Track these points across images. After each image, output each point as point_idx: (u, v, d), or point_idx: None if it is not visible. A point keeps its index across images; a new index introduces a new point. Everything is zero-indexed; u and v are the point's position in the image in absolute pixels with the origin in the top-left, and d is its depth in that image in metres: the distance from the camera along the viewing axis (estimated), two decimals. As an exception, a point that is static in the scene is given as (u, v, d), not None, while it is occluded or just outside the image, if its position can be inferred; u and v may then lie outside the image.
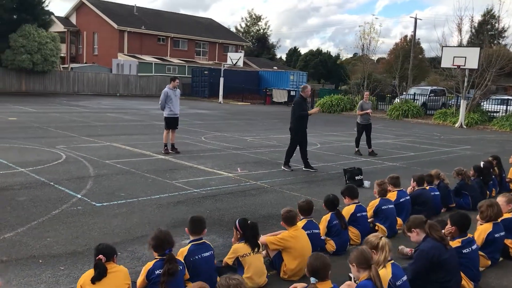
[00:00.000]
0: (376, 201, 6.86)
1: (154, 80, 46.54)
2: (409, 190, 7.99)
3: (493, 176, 9.65)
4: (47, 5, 40.66)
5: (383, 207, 6.76)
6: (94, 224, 6.61)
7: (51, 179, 9.01)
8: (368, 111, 14.44)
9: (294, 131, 11.39)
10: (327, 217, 6.04)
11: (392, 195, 7.31)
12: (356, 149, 14.65)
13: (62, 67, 45.16)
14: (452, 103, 30.60)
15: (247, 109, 34.91)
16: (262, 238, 5.31)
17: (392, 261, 4.18)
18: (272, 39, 78.40)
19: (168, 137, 12.96)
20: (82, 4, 52.41)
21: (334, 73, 73.70)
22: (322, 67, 78.75)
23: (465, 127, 26.77)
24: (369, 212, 6.84)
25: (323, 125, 24.31)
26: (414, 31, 51.46)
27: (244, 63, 58.47)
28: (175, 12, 59.90)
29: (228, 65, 42.29)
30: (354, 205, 6.44)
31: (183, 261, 4.33)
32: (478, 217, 5.83)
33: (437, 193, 8.15)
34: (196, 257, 4.46)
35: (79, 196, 7.96)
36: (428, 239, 4.52)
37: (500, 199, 6.20)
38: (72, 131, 15.92)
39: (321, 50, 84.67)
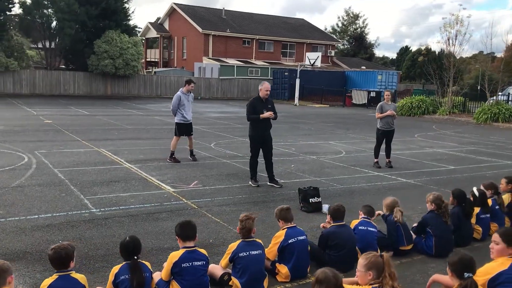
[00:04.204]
0: (234, 245, 4.81)
1: (236, 82, 46.09)
2: (322, 225, 5.78)
3: (497, 207, 6.87)
4: (132, 11, 42.34)
5: (241, 254, 4.70)
6: None
7: (-42, 189, 8.15)
8: (388, 112, 11.85)
9: (250, 137, 9.48)
10: (115, 269, 4.20)
11: (279, 234, 5.19)
12: (375, 160, 12.11)
13: (146, 71, 46.59)
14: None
15: (317, 111, 32.65)
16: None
17: None
18: (370, 38, 74.31)
19: (176, 145, 11.76)
20: (174, 10, 53.82)
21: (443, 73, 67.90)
22: (430, 66, 72.99)
23: None
24: (224, 260, 4.84)
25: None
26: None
27: (334, 63, 56.05)
28: (265, 14, 59.03)
29: (307, 66, 40.27)
30: (183, 251, 4.48)
31: None
32: None
33: (373, 229, 5.78)
34: None
35: None
36: None
37: (360, 262, 3.82)
38: (81, 135, 15.36)
39: (430, 49, 78.70)
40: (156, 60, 57.51)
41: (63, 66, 42.56)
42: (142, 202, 7.87)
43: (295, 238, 5.11)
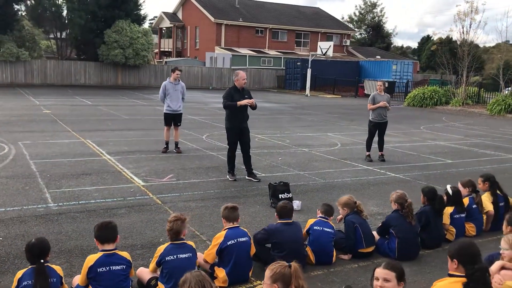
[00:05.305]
0: (162, 248, 4.43)
1: (248, 72, 45.47)
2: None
3: (474, 206, 6.35)
4: (143, 1, 42.04)
5: (168, 258, 4.32)
6: None
7: None
8: (380, 104, 11.27)
9: (226, 129, 9.07)
10: (19, 274, 3.87)
11: (219, 236, 4.80)
12: (367, 153, 11.60)
13: (157, 61, 46.40)
14: None
15: (327, 102, 32.00)
16: None
17: None
18: (388, 27, 72.79)
19: (168, 135, 11.59)
20: (187, -1, 53.42)
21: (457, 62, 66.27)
22: (451, 56, 71.26)
23: None
24: (151, 264, 4.48)
25: (390, 121, 20.62)
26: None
27: (349, 52, 55.09)
28: (279, 3, 57.97)
29: (319, 55, 39.50)
30: (100, 254, 4.12)
31: None
32: None
33: (329, 230, 5.35)
34: None
35: None
36: None
37: (266, 274, 3.36)
38: (74, 125, 15.16)
39: (451, 38, 76.82)
40: (170, 50, 57.32)
41: (75, 56, 42.64)
42: (105, 197, 7.55)
43: (235, 240, 4.71)
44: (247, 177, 9.14)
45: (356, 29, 66.35)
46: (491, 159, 12.41)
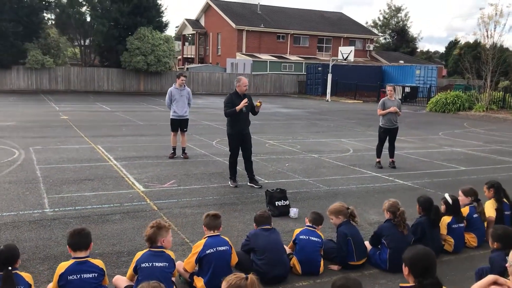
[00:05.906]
0: (139, 254, 4.34)
1: (268, 78, 45.55)
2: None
3: (475, 215, 6.07)
4: (165, 8, 42.52)
5: (143, 265, 4.23)
6: None
7: None
8: (391, 109, 10.98)
9: (228, 135, 8.99)
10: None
11: (199, 244, 4.70)
12: (377, 159, 11.33)
13: (179, 68, 46.75)
14: None
15: (347, 107, 31.64)
16: None
17: None
18: (413, 31, 71.75)
19: (175, 140, 11.65)
20: (209, 6, 53.80)
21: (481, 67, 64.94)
22: (474, 60, 69.73)
23: None
24: (129, 271, 4.40)
25: (408, 127, 20.24)
26: None
27: (372, 57, 54.51)
28: (301, 8, 57.83)
29: (340, 60, 39.16)
30: (72, 262, 4.05)
31: None
32: None
33: (316, 239, 5.17)
34: None
35: None
36: None
37: (222, 286, 3.22)
38: (87, 131, 15.32)
39: (479, 42, 75.27)
40: (192, 56, 57.77)
41: (98, 63, 43.35)
42: (102, 203, 7.53)
43: (214, 249, 4.59)
44: (248, 184, 9.02)
45: (379, 34, 65.68)
46: (508, 167, 11.96)
